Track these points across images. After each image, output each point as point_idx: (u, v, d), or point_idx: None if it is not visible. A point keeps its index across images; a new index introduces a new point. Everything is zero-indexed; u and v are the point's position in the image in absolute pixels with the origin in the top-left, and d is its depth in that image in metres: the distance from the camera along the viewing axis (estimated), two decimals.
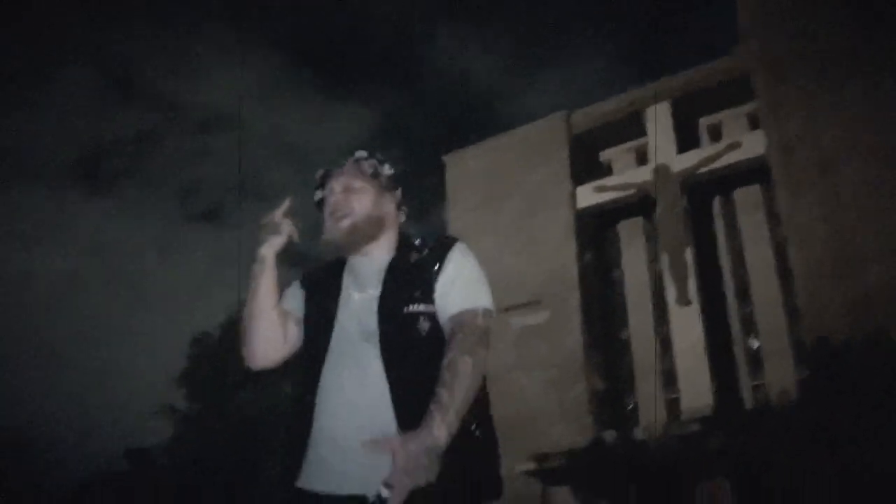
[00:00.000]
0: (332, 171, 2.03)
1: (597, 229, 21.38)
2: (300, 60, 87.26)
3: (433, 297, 1.83)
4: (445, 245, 1.92)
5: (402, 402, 1.72)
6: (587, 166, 21.66)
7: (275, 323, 1.93)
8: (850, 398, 12.88)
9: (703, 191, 19.67)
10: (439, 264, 1.86)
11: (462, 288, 1.84)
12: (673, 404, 18.33)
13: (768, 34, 18.58)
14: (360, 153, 2.00)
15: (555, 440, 17.48)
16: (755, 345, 18.23)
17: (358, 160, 2.00)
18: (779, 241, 18.06)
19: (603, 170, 21.90)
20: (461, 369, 1.67)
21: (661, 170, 19.70)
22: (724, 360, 18.19)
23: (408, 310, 1.80)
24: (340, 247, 1.94)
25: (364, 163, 1.98)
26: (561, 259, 20.71)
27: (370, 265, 1.93)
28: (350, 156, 2.01)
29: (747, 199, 19.40)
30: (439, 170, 24.39)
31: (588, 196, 21.02)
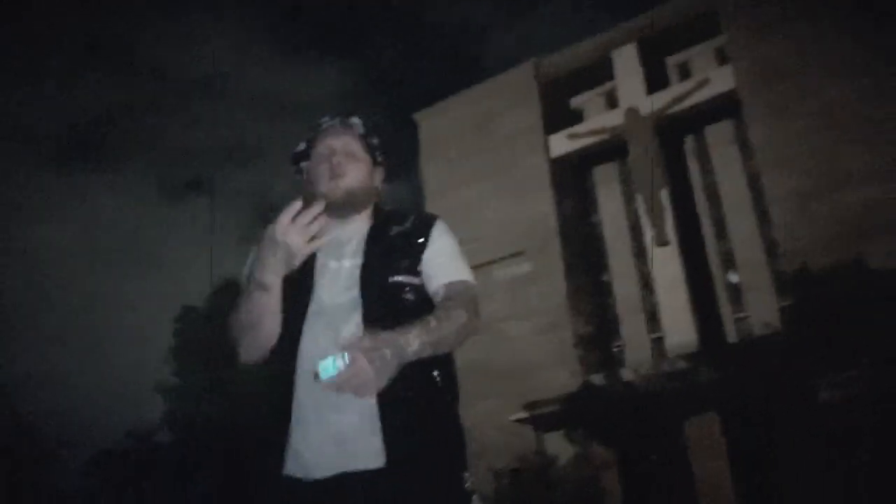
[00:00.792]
0: (330, 126, 1.94)
1: (573, 176, 21.38)
2: (290, 16, 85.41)
3: (418, 269, 1.84)
4: (428, 220, 1.91)
5: None
6: (560, 114, 21.56)
7: (275, 325, 1.79)
8: (832, 325, 13.08)
9: (674, 130, 19.67)
10: (425, 238, 1.86)
11: (451, 261, 1.85)
12: (658, 343, 18.64)
13: None
14: (356, 123, 1.95)
15: (546, 386, 17.77)
16: (735, 279, 18.46)
17: (363, 135, 1.97)
18: (753, 174, 18.16)
19: (576, 117, 21.84)
20: (454, 315, 1.70)
21: (632, 113, 19.67)
22: (706, 296, 18.44)
23: (392, 279, 1.80)
24: (336, 208, 1.91)
25: (366, 137, 1.96)
26: (539, 208, 20.77)
27: (349, 234, 1.92)
28: (342, 115, 1.96)
29: (719, 134, 19.44)
30: (413, 127, 24.26)
31: (562, 144, 20.99)
